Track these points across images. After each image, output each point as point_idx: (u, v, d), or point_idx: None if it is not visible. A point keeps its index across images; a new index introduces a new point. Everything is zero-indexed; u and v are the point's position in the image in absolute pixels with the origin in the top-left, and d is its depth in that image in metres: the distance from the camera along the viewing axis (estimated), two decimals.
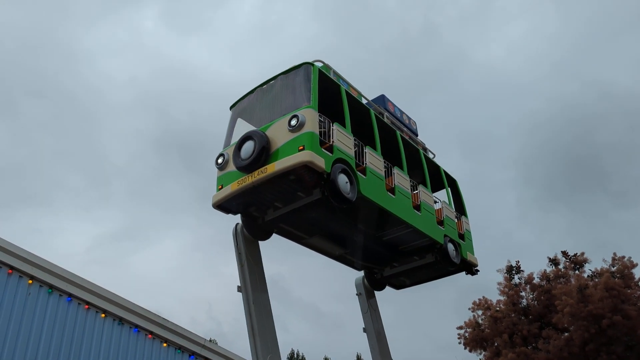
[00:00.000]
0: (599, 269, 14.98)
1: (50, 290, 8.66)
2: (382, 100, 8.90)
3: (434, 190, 9.46)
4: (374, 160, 7.55)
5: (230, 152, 7.14)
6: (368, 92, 8.44)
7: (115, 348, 9.41)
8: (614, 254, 15.13)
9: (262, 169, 6.54)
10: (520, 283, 16.37)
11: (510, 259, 19.25)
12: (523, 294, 16.18)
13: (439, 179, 9.58)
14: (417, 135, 9.60)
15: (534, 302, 15.94)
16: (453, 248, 8.93)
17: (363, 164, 7.34)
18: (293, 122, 6.54)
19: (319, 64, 7.49)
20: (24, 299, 8.28)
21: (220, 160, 7.28)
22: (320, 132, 6.69)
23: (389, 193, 7.63)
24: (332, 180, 6.45)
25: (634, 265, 14.70)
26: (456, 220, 9.53)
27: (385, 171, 7.82)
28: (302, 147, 6.34)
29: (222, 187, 7.04)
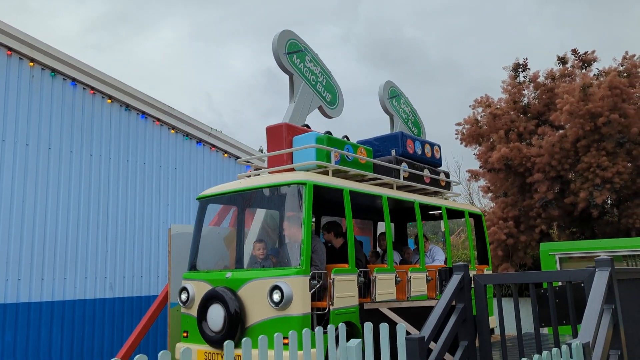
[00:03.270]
0: (607, 68, 14.76)
1: (53, 73, 8.65)
2: (400, 140, 7.29)
3: (455, 216, 8.23)
4: (386, 286, 5.98)
5: (195, 288, 5.58)
6: None
7: (125, 133, 9.78)
8: (626, 52, 14.70)
9: (237, 353, 4.88)
10: (524, 81, 16.28)
11: (520, 56, 18.82)
12: (525, 92, 16.21)
13: (460, 214, 8.12)
14: (440, 165, 8.20)
15: (535, 100, 16.07)
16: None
17: (372, 300, 5.83)
18: (276, 298, 4.84)
19: (323, 168, 5.89)
20: (28, 81, 8.32)
21: (184, 298, 5.66)
22: (314, 288, 5.01)
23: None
24: None
25: None
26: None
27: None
28: (287, 341, 4.53)
29: (187, 335, 5.61)
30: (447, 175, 8.16)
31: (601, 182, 13.20)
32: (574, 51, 15.84)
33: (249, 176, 6.54)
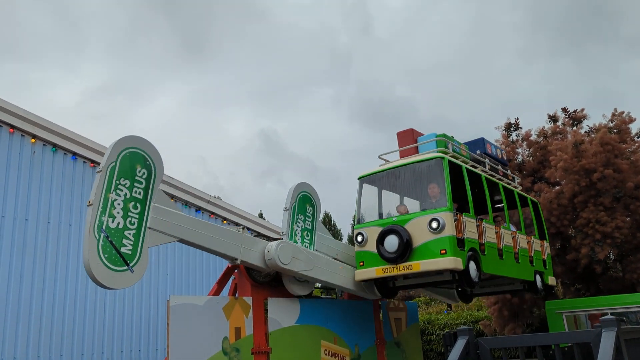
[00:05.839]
0: (597, 124, 15.04)
1: (54, 149, 8.80)
2: (482, 143, 9.55)
3: (515, 206, 10.05)
4: (490, 233, 8.15)
5: (368, 232, 7.88)
6: None
7: None
8: (615, 109, 15.04)
9: (407, 264, 7.36)
10: (517, 140, 16.56)
11: (510, 111, 19.25)
12: (519, 150, 16.44)
13: (523, 202, 10.09)
14: (507, 164, 10.25)
15: (529, 158, 16.27)
16: (540, 280, 9.61)
17: (483, 240, 7.90)
18: (434, 225, 7.17)
19: (446, 153, 8.07)
20: (30, 157, 8.46)
21: (360, 239, 7.99)
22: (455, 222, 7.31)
23: (499, 258, 8.32)
24: (467, 273, 7.25)
25: (632, 120, 14.73)
26: (540, 248, 9.97)
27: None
28: (444, 251, 7.03)
29: (363, 264, 7.89)
30: (512, 172, 10.22)
31: (601, 238, 13.13)
32: (564, 109, 16.21)
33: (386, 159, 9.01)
